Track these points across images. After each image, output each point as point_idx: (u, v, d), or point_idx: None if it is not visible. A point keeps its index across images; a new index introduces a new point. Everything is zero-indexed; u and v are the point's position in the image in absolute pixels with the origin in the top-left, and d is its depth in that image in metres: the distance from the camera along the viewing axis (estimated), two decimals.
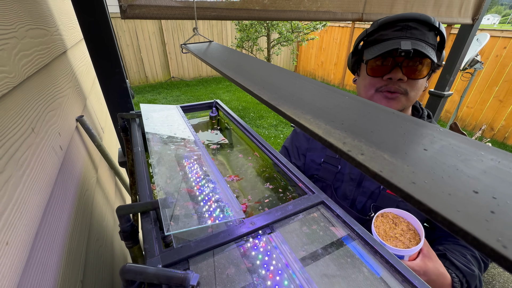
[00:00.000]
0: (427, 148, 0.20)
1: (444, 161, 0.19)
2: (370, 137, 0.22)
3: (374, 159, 0.19)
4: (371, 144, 0.21)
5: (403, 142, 0.21)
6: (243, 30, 5.06)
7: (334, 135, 0.23)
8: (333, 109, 0.29)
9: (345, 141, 0.22)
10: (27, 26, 0.69)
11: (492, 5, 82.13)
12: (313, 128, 0.25)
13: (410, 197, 0.16)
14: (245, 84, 0.39)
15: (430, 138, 0.22)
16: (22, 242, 0.46)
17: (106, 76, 0.96)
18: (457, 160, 0.19)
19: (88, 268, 0.75)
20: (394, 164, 0.18)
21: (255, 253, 0.44)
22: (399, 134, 0.23)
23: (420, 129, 0.23)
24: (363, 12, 1.20)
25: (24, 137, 0.55)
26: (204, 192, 0.55)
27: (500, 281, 1.97)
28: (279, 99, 0.33)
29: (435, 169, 0.18)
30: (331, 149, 0.22)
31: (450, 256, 0.66)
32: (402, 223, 0.60)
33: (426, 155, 0.19)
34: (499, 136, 4.06)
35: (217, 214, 0.49)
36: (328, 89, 0.36)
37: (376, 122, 0.25)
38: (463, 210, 0.14)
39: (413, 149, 0.20)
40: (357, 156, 0.20)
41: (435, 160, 0.19)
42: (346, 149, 0.21)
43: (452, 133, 0.22)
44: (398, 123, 0.25)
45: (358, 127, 0.24)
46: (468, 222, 0.13)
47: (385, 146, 0.21)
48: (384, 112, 0.27)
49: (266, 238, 0.47)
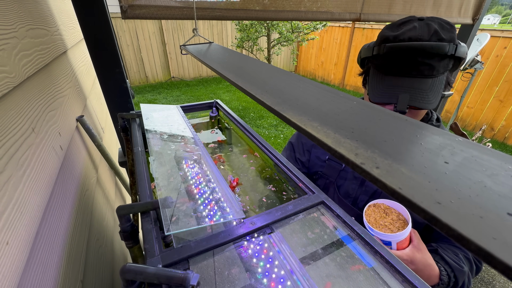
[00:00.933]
0: (448, 161, 0.18)
1: (469, 176, 0.17)
2: (384, 148, 0.20)
3: (391, 174, 0.17)
4: (386, 155, 0.19)
5: (420, 153, 0.19)
6: (243, 30, 5.06)
7: (345, 145, 0.21)
8: (341, 115, 0.27)
9: (357, 152, 0.20)
10: (27, 26, 0.69)
11: (493, 5, 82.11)
12: (321, 137, 0.23)
13: (436, 220, 0.14)
14: (247, 88, 0.38)
15: (449, 149, 0.20)
16: (23, 242, 0.46)
17: (106, 76, 0.96)
18: (484, 175, 0.17)
19: (88, 268, 0.75)
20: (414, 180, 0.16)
21: (255, 253, 0.44)
22: (414, 144, 0.21)
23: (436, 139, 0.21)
24: (361, 12, 1.20)
25: (24, 137, 0.55)
26: (204, 192, 0.55)
27: (500, 281, 1.97)
28: (283, 104, 0.31)
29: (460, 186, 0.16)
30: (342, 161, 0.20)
31: (441, 252, 0.68)
32: (393, 213, 0.63)
33: (448, 169, 0.17)
34: (499, 136, 4.06)
35: (217, 214, 0.49)
36: (334, 93, 0.34)
37: (388, 130, 0.23)
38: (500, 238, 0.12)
39: (432, 161, 0.18)
40: (372, 170, 0.18)
41: (458, 175, 0.17)
42: (359, 162, 0.19)
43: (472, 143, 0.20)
44: (413, 131, 0.23)
45: (369, 136, 0.22)
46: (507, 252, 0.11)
47: (401, 158, 0.19)
48: (395, 119, 0.25)
49: (266, 238, 0.47)
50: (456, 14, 1.45)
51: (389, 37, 0.66)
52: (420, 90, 0.64)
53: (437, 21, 0.64)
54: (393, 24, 0.69)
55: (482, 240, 0.12)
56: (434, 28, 0.62)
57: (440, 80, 0.65)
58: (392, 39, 0.65)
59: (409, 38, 0.63)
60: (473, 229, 0.13)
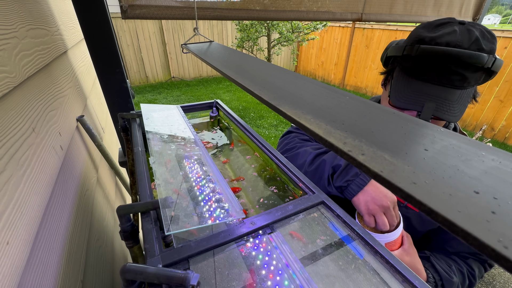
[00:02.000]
0: (427, 148, 0.20)
1: (445, 161, 0.18)
2: (370, 138, 0.22)
3: (375, 159, 0.19)
4: (371, 144, 0.21)
5: (403, 142, 0.21)
6: (243, 30, 5.06)
7: (335, 135, 0.23)
8: (334, 109, 0.29)
9: (345, 141, 0.22)
10: (27, 26, 0.69)
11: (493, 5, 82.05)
12: (314, 128, 0.25)
13: (411, 197, 0.16)
14: (246, 84, 0.39)
15: (431, 139, 0.22)
16: (23, 242, 0.46)
17: (106, 76, 0.96)
18: (458, 161, 0.18)
19: (89, 268, 0.75)
20: (395, 165, 0.18)
21: (255, 253, 0.44)
22: (400, 134, 0.23)
23: (421, 130, 0.23)
24: (362, 12, 1.20)
25: (24, 137, 0.55)
26: (205, 192, 0.55)
27: (501, 281, 1.97)
28: (279, 99, 0.33)
29: (436, 169, 0.18)
30: (331, 149, 0.22)
31: (433, 260, 0.67)
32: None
33: (427, 156, 0.19)
34: (499, 136, 4.06)
35: (217, 214, 0.49)
36: (329, 89, 0.36)
37: (376, 123, 0.25)
38: (464, 211, 0.14)
39: (414, 149, 0.20)
40: (357, 156, 0.20)
41: (436, 160, 0.19)
42: (347, 149, 0.21)
43: (453, 133, 0.22)
44: (399, 123, 0.25)
45: (358, 127, 0.24)
46: (469, 222, 0.13)
47: (386, 146, 0.21)
48: (384, 113, 0.27)
49: (266, 238, 0.47)
50: (457, 14, 1.45)
51: (424, 38, 0.60)
52: (447, 101, 0.60)
53: (479, 28, 0.58)
54: (430, 24, 0.63)
55: (448, 212, 0.14)
56: (475, 36, 0.56)
57: (468, 92, 0.61)
58: (427, 41, 0.60)
59: (447, 43, 0.57)
60: (442, 204, 0.15)
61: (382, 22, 1.75)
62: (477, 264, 0.69)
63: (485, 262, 0.70)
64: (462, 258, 0.70)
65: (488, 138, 4.00)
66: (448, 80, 0.59)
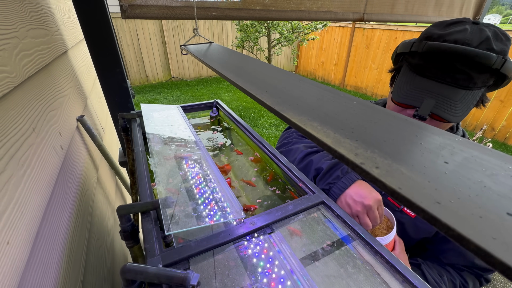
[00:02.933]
0: (447, 160, 0.18)
1: (468, 176, 0.17)
2: (383, 148, 0.20)
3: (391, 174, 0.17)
4: (385, 155, 0.19)
5: (420, 153, 0.19)
6: (243, 30, 5.06)
7: (345, 145, 0.21)
8: (341, 115, 0.27)
9: (357, 152, 0.20)
10: (28, 26, 0.69)
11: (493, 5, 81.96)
12: (321, 137, 0.23)
13: (436, 219, 0.14)
14: (247, 88, 0.38)
15: (449, 149, 0.20)
16: (23, 242, 0.46)
17: (106, 76, 0.96)
18: (483, 175, 0.17)
19: (89, 268, 0.75)
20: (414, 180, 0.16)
21: (256, 253, 0.44)
22: (414, 144, 0.21)
23: (437, 139, 0.21)
24: (364, 12, 1.20)
25: (25, 137, 0.55)
26: (205, 192, 0.55)
27: (501, 281, 1.96)
28: (283, 104, 0.31)
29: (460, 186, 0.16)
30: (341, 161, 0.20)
31: (424, 268, 0.66)
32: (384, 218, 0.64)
33: (447, 169, 0.17)
34: (500, 137, 4.05)
35: (217, 214, 0.49)
36: (334, 93, 0.34)
37: (388, 130, 0.23)
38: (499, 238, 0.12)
39: (432, 161, 0.18)
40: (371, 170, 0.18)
41: (458, 175, 0.17)
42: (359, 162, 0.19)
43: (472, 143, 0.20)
44: (413, 131, 0.23)
45: (369, 136, 0.22)
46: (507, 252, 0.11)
47: (401, 158, 0.19)
48: (395, 119, 0.25)
49: (266, 238, 0.47)
50: (458, 14, 1.45)
51: (433, 35, 0.59)
52: (449, 100, 0.58)
53: (493, 29, 0.57)
54: (442, 23, 0.62)
55: (481, 240, 0.12)
56: (486, 35, 0.54)
57: (474, 94, 0.58)
58: (436, 37, 0.59)
59: (455, 41, 0.55)
60: (473, 229, 0.13)
61: (384, 22, 1.75)
62: (472, 278, 0.67)
63: (481, 277, 0.68)
64: (456, 270, 0.68)
65: (489, 138, 4.00)
66: (452, 79, 0.57)
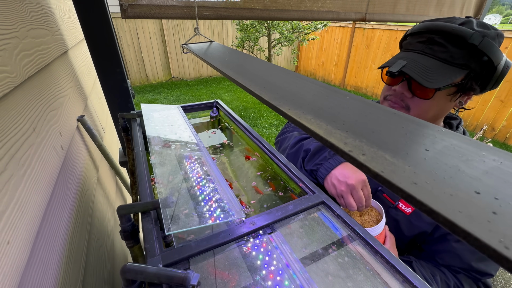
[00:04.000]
0: (428, 148, 0.20)
1: (445, 161, 0.18)
2: (371, 138, 0.22)
3: (376, 160, 0.19)
4: (372, 144, 0.21)
5: (404, 142, 0.21)
6: (243, 30, 5.06)
7: (335, 135, 0.23)
8: (334, 109, 0.29)
9: (346, 141, 0.22)
10: (28, 26, 0.69)
11: (494, 5, 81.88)
12: (314, 128, 0.25)
13: (411, 197, 0.16)
14: (246, 84, 0.39)
15: (431, 139, 0.22)
16: (23, 242, 0.46)
17: (107, 76, 0.96)
18: (459, 161, 0.18)
19: (89, 268, 0.75)
20: (396, 165, 0.18)
21: (256, 253, 0.44)
22: (400, 134, 0.23)
23: (421, 130, 0.23)
24: (366, 12, 1.20)
25: (25, 137, 0.55)
26: (205, 192, 0.55)
27: (501, 281, 1.96)
28: (280, 99, 0.33)
29: (437, 169, 0.18)
30: (332, 149, 0.22)
31: (415, 265, 0.66)
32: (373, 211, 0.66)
33: (427, 156, 0.19)
34: (500, 137, 4.05)
35: (218, 214, 0.49)
36: (329, 89, 0.35)
37: (377, 123, 0.25)
38: (465, 211, 0.14)
39: (414, 149, 0.20)
40: (358, 157, 0.20)
41: (436, 160, 0.19)
42: (347, 150, 0.21)
43: (454, 133, 0.22)
44: (400, 123, 0.25)
45: (359, 128, 0.24)
46: (470, 223, 0.13)
47: (387, 146, 0.21)
48: (385, 113, 0.27)
49: (266, 238, 0.47)
50: (458, 14, 1.45)
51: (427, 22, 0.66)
52: (424, 66, 0.61)
53: (480, 21, 0.61)
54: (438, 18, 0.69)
55: (449, 213, 0.14)
56: (470, 20, 0.59)
57: (453, 70, 0.60)
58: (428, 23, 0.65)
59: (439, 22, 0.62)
60: (443, 204, 0.15)
61: (385, 22, 1.75)
62: (469, 282, 0.66)
63: (478, 281, 0.67)
64: (452, 272, 0.67)
65: (489, 138, 4.00)
66: (430, 50, 0.62)
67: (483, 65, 0.59)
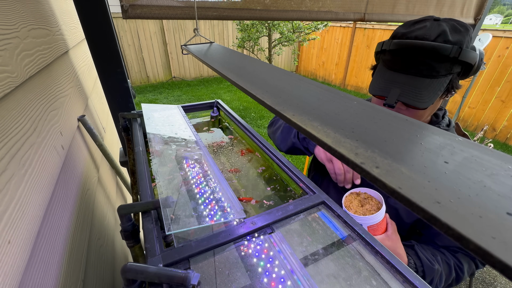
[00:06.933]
0: (447, 160, 0.18)
1: (468, 176, 0.17)
2: (384, 147, 0.20)
3: (391, 173, 0.17)
4: (385, 155, 0.19)
5: (420, 153, 0.19)
6: (244, 30, 5.06)
7: (345, 144, 0.21)
8: (342, 115, 0.27)
9: (357, 152, 0.20)
10: (29, 26, 0.69)
11: (495, 5, 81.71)
12: (322, 137, 0.23)
13: (436, 219, 0.14)
14: (247, 88, 0.38)
15: (449, 149, 0.20)
16: (24, 241, 0.46)
17: (107, 76, 0.96)
18: (483, 175, 0.17)
19: (89, 267, 0.75)
20: (414, 180, 0.16)
21: (256, 253, 0.44)
22: (415, 143, 0.21)
23: (437, 139, 0.21)
24: (365, 12, 1.20)
25: (26, 137, 0.55)
26: (205, 192, 0.55)
27: (502, 282, 1.96)
28: (283, 103, 0.31)
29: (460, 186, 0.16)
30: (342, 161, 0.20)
31: (417, 248, 0.69)
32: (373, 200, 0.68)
33: (448, 169, 0.17)
34: (501, 137, 4.04)
35: (218, 214, 0.49)
36: (335, 93, 0.34)
37: (388, 130, 0.23)
38: (499, 237, 0.12)
39: (432, 161, 0.18)
40: (371, 170, 0.18)
41: (458, 175, 0.17)
42: (359, 161, 0.19)
43: (472, 143, 0.20)
44: (413, 131, 0.23)
45: (370, 136, 0.22)
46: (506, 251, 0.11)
47: (402, 157, 0.19)
48: (396, 119, 0.25)
49: (266, 238, 0.47)
50: (459, 14, 1.44)
51: (398, 33, 0.68)
52: (415, 88, 0.64)
53: (451, 23, 0.63)
54: (408, 22, 0.70)
55: (481, 239, 0.12)
56: (443, 29, 0.61)
57: (440, 82, 0.64)
58: (400, 36, 0.67)
59: (416, 37, 0.63)
60: (472, 228, 0.13)
61: (384, 22, 1.75)
62: (467, 259, 0.70)
63: (475, 258, 0.71)
64: (451, 252, 0.71)
65: (490, 139, 3.99)
66: (416, 70, 0.64)
67: (463, 66, 0.64)
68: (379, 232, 0.64)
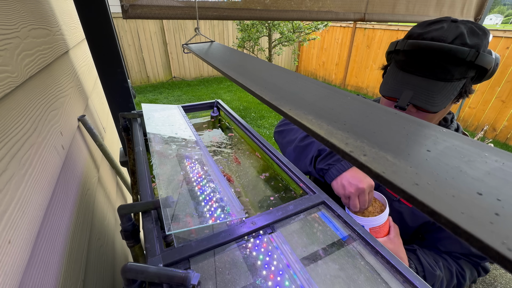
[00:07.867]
0: (430, 149, 0.20)
1: (447, 162, 0.18)
2: (372, 138, 0.22)
3: (377, 160, 0.19)
4: (373, 145, 0.21)
5: (406, 143, 0.21)
6: (244, 30, 5.06)
7: (337, 135, 0.23)
8: (335, 109, 0.29)
9: (347, 142, 0.22)
10: (29, 26, 0.69)
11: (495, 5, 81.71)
12: (315, 129, 0.25)
13: (413, 198, 0.15)
14: (247, 84, 0.39)
15: (433, 139, 0.21)
16: (24, 241, 0.46)
17: (107, 75, 0.96)
18: (461, 162, 0.18)
19: (90, 267, 0.75)
20: (397, 165, 0.18)
21: (256, 253, 0.44)
22: (402, 135, 0.23)
23: (423, 130, 0.23)
24: (365, 12, 1.19)
25: (26, 137, 0.55)
26: (205, 192, 0.55)
27: (502, 282, 1.96)
28: (281, 99, 0.33)
29: (439, 170, 0.18)
30: (333, 150, 0.22)
31: (419, 253, 0.68)
32: (376, 203, 0.67)
33: (429, 156, 0.19)
34: (501, 137, 4.04)
35: (218, 214, 0.49)
36: (330, 90, 0.35)
37: (378, 123, 0.25)
38: (467, 212, 0.14)
39: (416, 150, 0.20)
40: (359, 157, 0.19)
41: (438, 161, 0.19)
42: (349, 150, 0.21)
43: (455, 134, 0.22)
44: (401, 124, 0.25)
45: (360, 128, 0.24)
46: (472, 224, 0.13)
47: (388, 147, 0.21)
48: (386, 113, 0.27)
49: (267, 238, 0.47)
50: (459, 14, 1.44)
51: (414, 34, 0.66)
52: (428, 91, 0.62)
53: (469, 25, 0.61)
54: (424, 22, 0.68)
55: (451, 214, 0.14)
56: (460, 31, 0.59)
57: (454, 86, 0.62)
58: (416, 36, 0.65)
59: (432, 38, 0.61)
60: (445, 205, 0.14)
61: (385, 22, 1.75)
62: (469, 266, 0.69)
63: (478, 265, 0.70)
64: (453, 258, 0.70)
65: (490, 139, 3.99)
66: (431, 72, 0.62)
67: (478, 71, 0.62)
68: (382, 234, 0.63)
